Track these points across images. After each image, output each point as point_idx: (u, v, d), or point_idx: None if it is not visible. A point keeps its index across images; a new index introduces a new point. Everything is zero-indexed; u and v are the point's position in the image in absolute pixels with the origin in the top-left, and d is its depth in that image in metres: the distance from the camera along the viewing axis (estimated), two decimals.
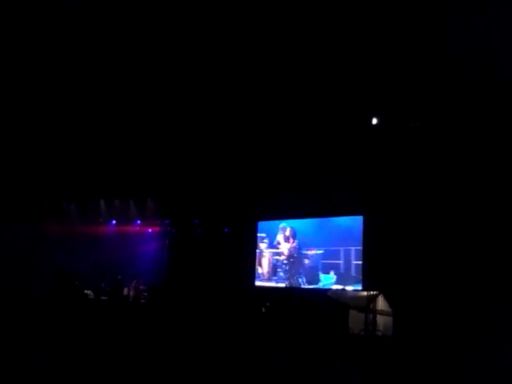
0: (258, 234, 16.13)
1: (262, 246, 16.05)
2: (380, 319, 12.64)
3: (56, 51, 10.80)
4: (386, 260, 12.84)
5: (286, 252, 15.62)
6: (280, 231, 15.79)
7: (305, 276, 15.08)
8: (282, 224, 15.83)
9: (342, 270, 14.45)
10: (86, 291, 15.76)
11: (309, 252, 15.13)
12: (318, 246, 14.97)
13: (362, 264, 13.76)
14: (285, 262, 15.53)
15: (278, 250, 15.74)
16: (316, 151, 13.61)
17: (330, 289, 14.02)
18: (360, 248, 14.03)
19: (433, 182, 12.48)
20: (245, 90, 12.06)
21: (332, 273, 14.57)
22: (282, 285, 15.46)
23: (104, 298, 15.72)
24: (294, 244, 15.48)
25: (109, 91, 12.36)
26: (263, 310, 13.74)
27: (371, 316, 12.41)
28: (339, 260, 14.52)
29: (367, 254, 13.72)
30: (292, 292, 14.66)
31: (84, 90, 12.39)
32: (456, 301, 11.57)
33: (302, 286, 14.96)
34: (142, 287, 16.61)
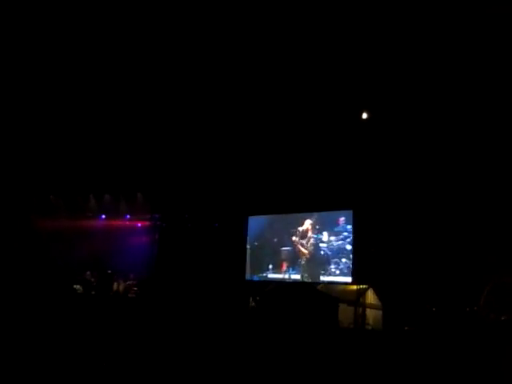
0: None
1: None
2: (369, 313, 12.71)
3: (53, 48, 10.77)
4: (375, 254, 12.90)
5: None
6: None
7: None
8: None
9: None
10: (75, 286, 15.74)
11: None
12: None
13: (352, 258, 13.80)
14: None
15: None
16: (305, 146, 13.61)
17: (320, 282, 14.06)
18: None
19: (422, 176, 12.54)
20: (234, 86, 12.04)
21: None
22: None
23: (93, 292, 15.70)
24: None
25: (100, 86, 12.29)
26: (253, 303, 13.79)
27: (361, 309, 12.47)
28: None
29: (357, 248, 13.76)
30: (282, 286, 14.68)
31: (74, 86, 12.31)
32: (445, 294, 11.65)
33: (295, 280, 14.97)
34: (131, 282, 16.56)
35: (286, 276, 15.19)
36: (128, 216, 18.67)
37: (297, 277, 14.98)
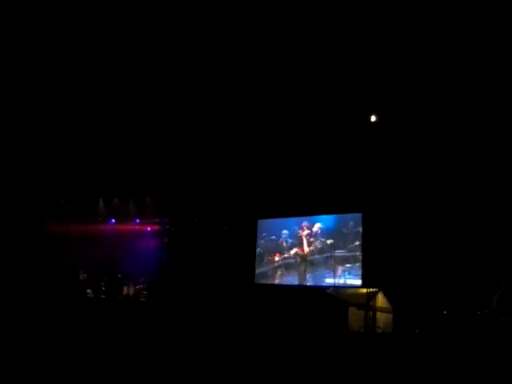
0: None
1: None
2: (380, 316, 12.63)
3: (56, 49, 10.82)
4: (386, 257, 12.84)
5: None
6: None
7: None
8: None
9: None
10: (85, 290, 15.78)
11: None
12: None
13: (362, 261, 13.74)
14: None
15: None
16: (315, 148, 13.59)
17: (330, 286, 14.01)
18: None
19: (432, 179, 12.48)
20: (244, 91, 12.05)
21: None
22: None
23: (103, 296, 15.74)
24: None
25: (107, 90, 12.34)
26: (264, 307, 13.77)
27: (371, 313, 12.41)
28: None
29: (367, 251, 13.70)
30: (292, 290, 14.65)
31: (82, 89, 12.38)
32: (456, 297, 11.57)
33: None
34: (141, 286, 16.59)
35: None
36: (137, 220, 18.74)
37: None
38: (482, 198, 11.70)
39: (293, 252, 15.47)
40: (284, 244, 15.81)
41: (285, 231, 15.88)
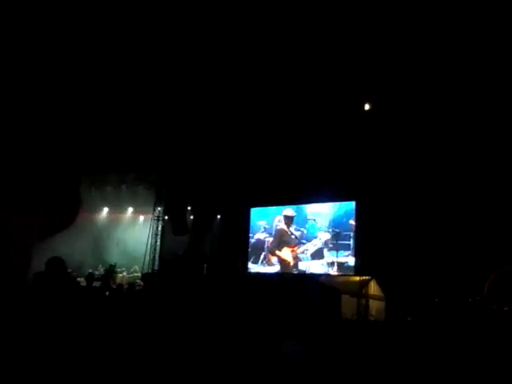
0: None
1: None
2: (372, 304, 12.72)
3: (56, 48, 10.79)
4: (379, 245, 12.91)
5: None
6: None
7: None
8: None
9: None
10: (78, 279, 15.74)
11: None
12: None
13: (355, 249, 13.81)
14: None
15: None
16: (308, 137, 13.59)
17: (323, 274, 14.08)
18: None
19: (425, 167, 12.52)
20: (236, 79, 12.01)
21: None
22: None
23: (96, 285, 15.72)
24: None
25: (104, 80, 12.29)
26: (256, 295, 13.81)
27: (364, 301, 12.49)
28: None
29: (360, 240, 13.77)
30: (286, 278, 14.71)
31: (76, 81, 12.32)
32: (448, 284, 11.67)
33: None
34: (135, 274, 16.61)
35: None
36: (131, 208, 18.71)
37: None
38: (473, 187, 11.76)
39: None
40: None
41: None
